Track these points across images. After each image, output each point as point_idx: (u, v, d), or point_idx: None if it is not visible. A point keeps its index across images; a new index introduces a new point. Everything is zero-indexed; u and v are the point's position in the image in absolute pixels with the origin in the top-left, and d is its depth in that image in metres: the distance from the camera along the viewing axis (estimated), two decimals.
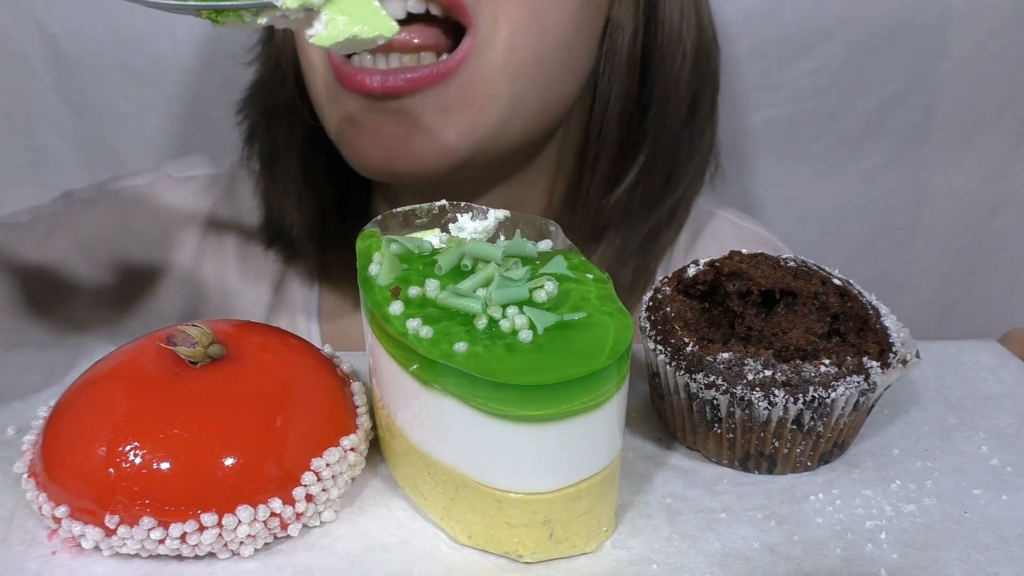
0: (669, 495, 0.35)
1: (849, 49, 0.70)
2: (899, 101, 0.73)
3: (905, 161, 0.76)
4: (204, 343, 0.34)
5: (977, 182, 0.77)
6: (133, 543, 0.31)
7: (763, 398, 0.34)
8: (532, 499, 0.30)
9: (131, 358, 0.35)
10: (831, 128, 0.74)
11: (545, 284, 0.32)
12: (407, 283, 0.32)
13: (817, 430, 0.35)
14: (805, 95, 0.72)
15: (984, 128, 0.75)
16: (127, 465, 0.30)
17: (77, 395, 0.34)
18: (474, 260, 0.33)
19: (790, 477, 0.36)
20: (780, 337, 0.35)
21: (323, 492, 0.33)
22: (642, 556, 0.32)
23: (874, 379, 0.34)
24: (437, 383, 0.30)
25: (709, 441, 0.36)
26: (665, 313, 0.38)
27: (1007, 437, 0.38)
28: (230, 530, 0.31)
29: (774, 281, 0.37)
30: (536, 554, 0.31)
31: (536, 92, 0.49)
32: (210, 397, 0.32)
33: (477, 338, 0.30)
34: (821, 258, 0.40)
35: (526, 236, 0.36)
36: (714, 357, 0.35)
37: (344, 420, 0.35)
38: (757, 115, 0.73)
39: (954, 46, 0.71)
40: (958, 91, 0.73)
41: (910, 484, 0.35)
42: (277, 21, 0.35)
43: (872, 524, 0.33)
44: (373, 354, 0.34)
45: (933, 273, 0.81)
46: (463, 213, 0.37)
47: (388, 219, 0.37)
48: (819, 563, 0.31)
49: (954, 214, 0.79)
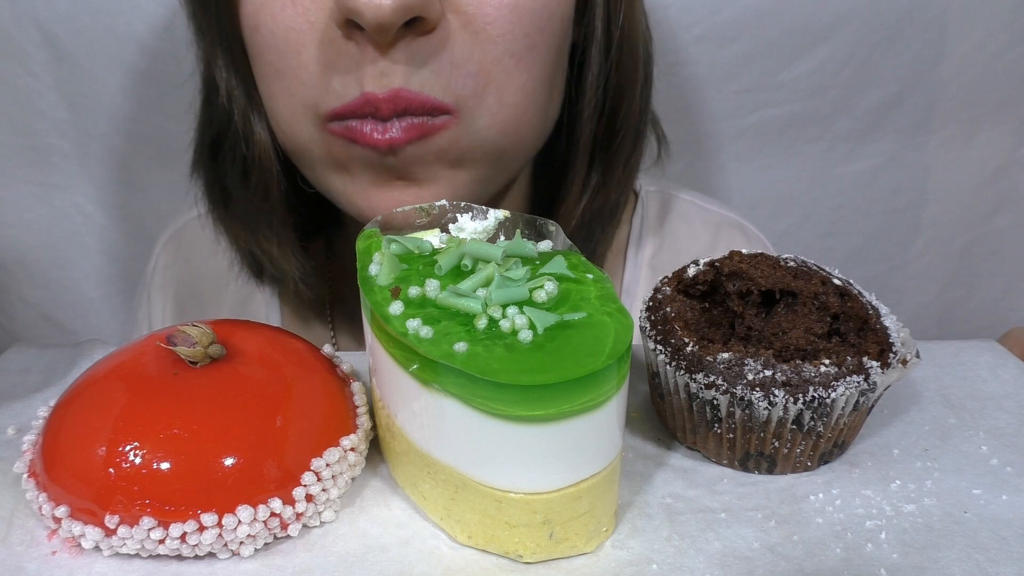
0: (669, 495, 0.35)
1: (849, 49, 0.70)
2: (899, 101, 0.73)
3: (905, 161, 0.76)
4: (204, 343, 0.34)
5: (977, 182, 0.77)
6: (133, 543, 0.31)
7: (763, 398, 0.34)
8: (532, 499, 0.30)
9: (131, 358, 0.35)
10: (831, 128, 0.74)
11: (545, 284, 0.32)
12: (407, 283, 0.32)
13: (817, 430, 0.35)
14: (805, 95, 0.72)
15: (984, 128, 0.75)
16: (127, 465, 0.30)
17: (77, 395, 0.34)
18: (474, 260, 0.33)
19: (790, 477, 0.36)
20: (780, 337, 0.35)
21: (323, 492, 0.33)
22: (642, 556, 0.32)
23: (874, 379, 0.34)
24: (437, 383, 0.30)
25: (709, 441, 0.36)
26: (665, 313, 0.38)
27: (1007, 437, 0.38)
28: (230, 530, 0.31)
29: (774, 281, 0.37)
30: (536, 554, 0.31)
31: (521, 149, 0.49)
32: (210, 397, 0.32)
33: (477, 338, 0.30)
34: (821, 258, 0.40)
35: (526, 236, 0.36)
36: (714, 357, 0.35)
37: (344, 420, 0.35)
38: (757, 115, 0.73)
39: (954, 46, 0.71)
40: (958, 91, 0.73)
41: (910, 484, 0.35)
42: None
43: (872, 524, 0.33)
44: (373, 354, 0.34)
45: (933, 273, 0.81)
46: (463, 213, 0.37)
47: (388, 219, 0.37)
48: (819, 563, 0.31)
49: (954, 214, 0.79)
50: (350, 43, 0.43)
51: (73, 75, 0.69)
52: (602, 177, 0.54)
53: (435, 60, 0.43)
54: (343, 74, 0.44)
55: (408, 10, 0.41)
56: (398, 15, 0.40)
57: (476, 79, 0.44)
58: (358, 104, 0.44)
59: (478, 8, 0.43)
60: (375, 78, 0.43)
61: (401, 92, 0.43)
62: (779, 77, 0.71)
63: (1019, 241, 0.79)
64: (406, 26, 0.42)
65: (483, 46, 0.44)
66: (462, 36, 0.44)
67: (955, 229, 0.79)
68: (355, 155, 0.46)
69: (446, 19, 0.43)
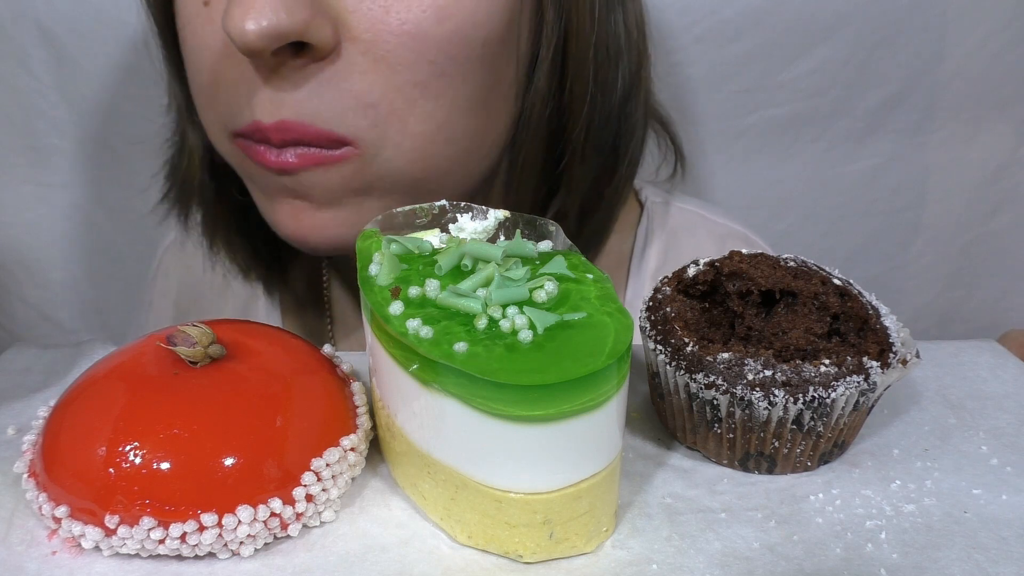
0: (669, 495, 0.35)
1: (849, 49, 0.70)
2: (899, 101, 0.73)
3: (905, 161, 0.76)
4: (204, 343, 0.34)
5: (977, 182, 0.77)
6: (133, 543, 0.31)
7: (763, 398, 0.34)
8: (532, 499, 0.30)
9: (131, 358, 0.35)
10: (831, 128, 0.74)
11: (545, 284, 0.32)
12: (407, 283, 0.32)
13: (817, 430, 0.35)
14: (805, 95, 0.72)
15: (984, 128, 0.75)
16: (127, 465, 0.30)
17: (77, 395, 0.34)
18: (474, 260, 0.33)
19: (790, 477, 0.36)
20: (780, 337, 0.35)
21: (323, 492, 0.33)
22: (642, 556, 0.32)
23: (874, 379, 0.34)
24: (437, 383, 0.30)
25: (709, 441, 0.36)
26: (665, 313, 0.38)
27: (1007, 437, 0.38)
28: (230, 530, 0.31)
29: (774, 281, 0.37)
30: (536, 554, 0.31)
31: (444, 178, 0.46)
32: (210, 397, 0.32)
33: (477, 338, 0.30)
34: (821, 258, 0.40)
35: (526, 236, 0.36)
36: (714, 357, 0.35)
37: (344, 420, 0.35)
38: (757, 115, 0.73)
39: (954, 46, 0.71)
40: (958, 91, 0.73)
41: (910, 484, 0.35)
42: None
43: (872, 524, 0.33)
44: (373, 354, 0.34)
45: (933, 273, 0.81)
46: (463, 213, 0.37)
47: (388, 219, 0.37)
48: (819, 563, 0.31)
49: (954, 214, 0.79)
50: (248, 68, 0.42)
51: (73, 75, 0.69)
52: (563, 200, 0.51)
53: (329, 89, 0.41)
54: (238, 98, 0.43)
55: (277, 36, 0.38)
56: (265, 41, 0.38)
57: (377, 109, 0.42)
58: (249, 130, 0.43)
59: (376, 36, 0.41)
60: (265, 105, 0.42)
61: (286, 123, 0.42)
62: (779, 77, 0.71)
63: (1019, 241, 0.79)
64: (297, 53, 0.40)
65: (383, 75, 0.41)
66: (361, 64, 0.41)
67: (955, 229, 0.79)
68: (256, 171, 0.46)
69: (342, 48, 0.41)
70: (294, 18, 0.38)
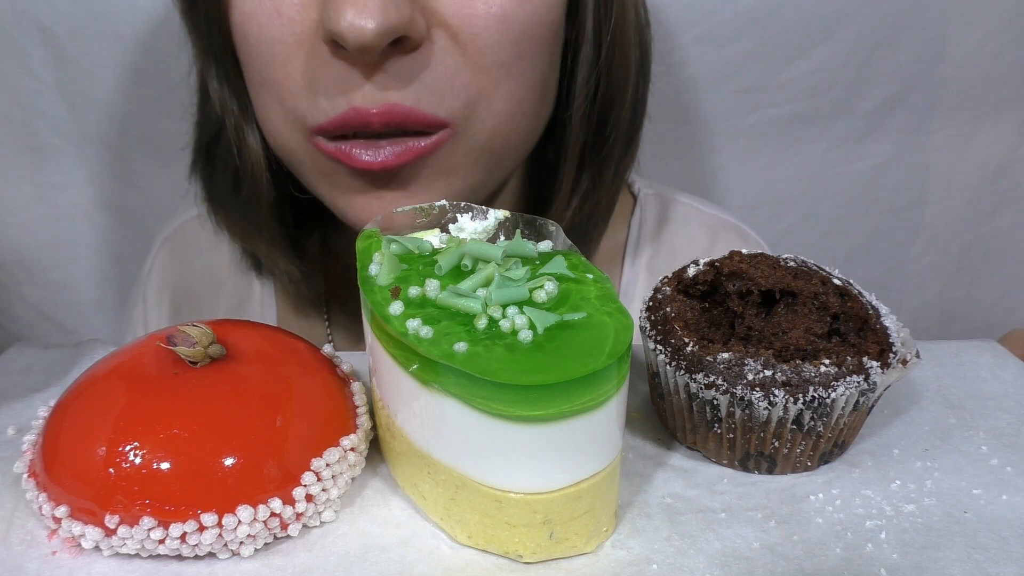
0: (669, 495, 0.35)
1: (849, 49, 0.70)
2: (899, 101, 0.73)
3: (905, 161, 0.76)
4: (204, 343, 0.34)
5: (977, 182, 0.77)
6: (133, 543, 0.31)
7: (763, 398, 0.34)
8: (532, 499, 0.30)
9: (131, 358, 0.35)
10: (831, 128, 0.74)
11: (545, 284, 0.32)
12: (407, 283, 0.32)
13: (817, 430, 0.35)
14: (805, 95, 0.72)
15: (984, 128, 0.75)
16: (127, 465, 0.30)
17: (77, 395, 0.34)
18: (474, 260, 0.33)
19: (790, 477, 0.36)
20: (780, 337, 0.35)
21: (323, 492, 0.33)
22: (642, 556, 0.32)
23: (874, 379, 0.34)
24: (437, 383, 0.30)
25: (709, 441, 0.36)
26: (665, 313, 0.38)
27: (1007, 437, 0.38)
28: (230, 530, 0.31)
29: (774, 281, 0.37)
30: (536, 554, 0.31)
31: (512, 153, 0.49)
32: (210, 397, 0.32)
33: (477, 338, 0.30)
34: (821, 258, 0.40)
35: (526, 236, 0.36)
36: (714, 357, 0.35)
37: (344, 420, 0.35)
38: (757, 115, 0.73)
39: (954, 46, 0.71)
40: (958, 91, 0.73)
41: (910, 484, 0.35)
42: None
43: (872, 524, 0.33)
44: (373, 354, 0.34)
45: (933, 273, 0.81)
46: (463, 213, 0.37)
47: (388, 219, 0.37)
48: (819, 563, 0.31)
49: (954, 214, 0.79)
50: (337, 60, 0.42)
51: (73, 75, 0.69)
52: (592, 180, 0.54)
53: (426, 75, 0.43)
54: (330, 89, 0.43)
55: (391, 32, 0.40)
56: (381, 38, 0.40)
57: (467, 90, 0.44)
58: (346, 117, 0.43)
59: (464, 21, 0.43)
60: (365, 94, 0.43)
61: (395, 107, 0.43)
62: (779, 77, 0.71)
63: (1019, 241, 0.79)
64: (392, 45, 0.42)
65: (472, 58, 0.44)
66: (450, 50, 0.43)
67: (955, 229, 0.79)
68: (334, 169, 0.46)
69: (432, 34, 0.43)
70: (402, 13, 0.40)
